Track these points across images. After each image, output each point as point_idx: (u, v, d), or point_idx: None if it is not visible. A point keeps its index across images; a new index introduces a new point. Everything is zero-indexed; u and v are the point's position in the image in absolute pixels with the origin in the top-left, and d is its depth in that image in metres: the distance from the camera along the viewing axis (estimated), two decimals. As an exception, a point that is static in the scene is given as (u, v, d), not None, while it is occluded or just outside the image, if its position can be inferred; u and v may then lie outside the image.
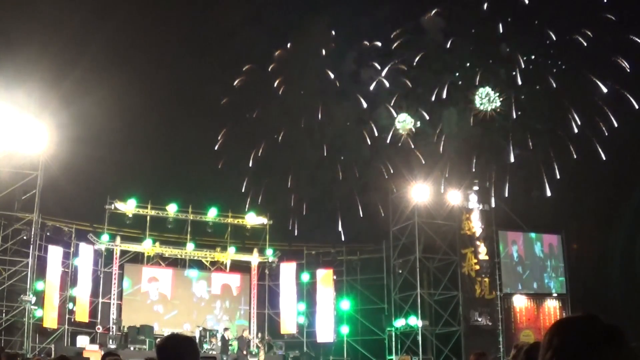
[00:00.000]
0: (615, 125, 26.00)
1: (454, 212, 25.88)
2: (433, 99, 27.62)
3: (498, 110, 27.00)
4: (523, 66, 27.26)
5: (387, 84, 28.35)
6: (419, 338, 24.22)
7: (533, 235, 27.00)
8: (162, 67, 27.87)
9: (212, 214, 26.21)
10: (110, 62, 26.18)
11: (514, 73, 27.31)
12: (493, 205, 26.30)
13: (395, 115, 28.14)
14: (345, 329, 26.23)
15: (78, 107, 21.92)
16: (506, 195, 26.80)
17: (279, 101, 29.22)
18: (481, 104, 26.51)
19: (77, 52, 24.29)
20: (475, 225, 25.88)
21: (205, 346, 22.64)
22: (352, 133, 29.29)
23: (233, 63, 28.36)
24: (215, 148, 28.85)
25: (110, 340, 22.42)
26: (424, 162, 27.00)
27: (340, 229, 28.58)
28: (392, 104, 28.27)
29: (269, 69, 28.88)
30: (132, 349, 22.24)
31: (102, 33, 24.60)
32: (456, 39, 27.53)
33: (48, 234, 22.91)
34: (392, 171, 28.10)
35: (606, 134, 26.15)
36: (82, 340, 22.18)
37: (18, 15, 23.24)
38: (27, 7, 23.66)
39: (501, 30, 27.07)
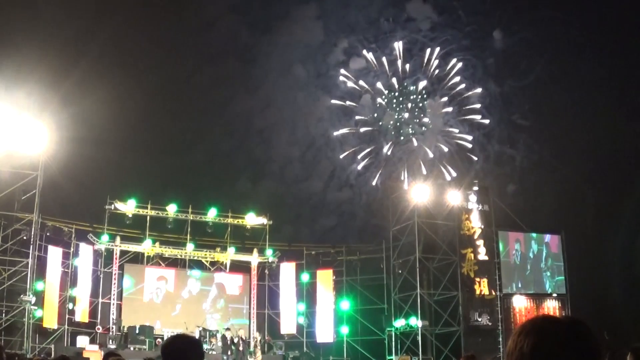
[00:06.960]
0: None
1: (454, 212, 25.87)
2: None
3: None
4: None
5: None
6: (419, 338, 24.20)
7: (533, 235, 26.97)
8: (162, 67, 27.91)
9: (212, 214, 26.21)
10: (110, 63, 26.27)
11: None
12: (492, 205, 26.29)
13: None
14: (345, 329, 26.21)
15: (78, 107, 21.96)
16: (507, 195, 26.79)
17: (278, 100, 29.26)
18: None
19: (77, 52, 24.38)
20: (475, 225, 25.86)
21: (205, 346, 22.61)
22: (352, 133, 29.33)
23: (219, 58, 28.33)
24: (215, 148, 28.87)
25: (110, 340, 22.43)
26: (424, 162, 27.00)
27: (339, 229, 28.57)
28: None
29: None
30: (132, 349, 22.25)
31: (102, 34, 24.67)
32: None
33: (48, 234, 22.91)
34: (392, 171, 28.10)
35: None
36: (82, 341, 22.18)
37: (19, 16, 23.30)
38: (27, 8, 23.73)
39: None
